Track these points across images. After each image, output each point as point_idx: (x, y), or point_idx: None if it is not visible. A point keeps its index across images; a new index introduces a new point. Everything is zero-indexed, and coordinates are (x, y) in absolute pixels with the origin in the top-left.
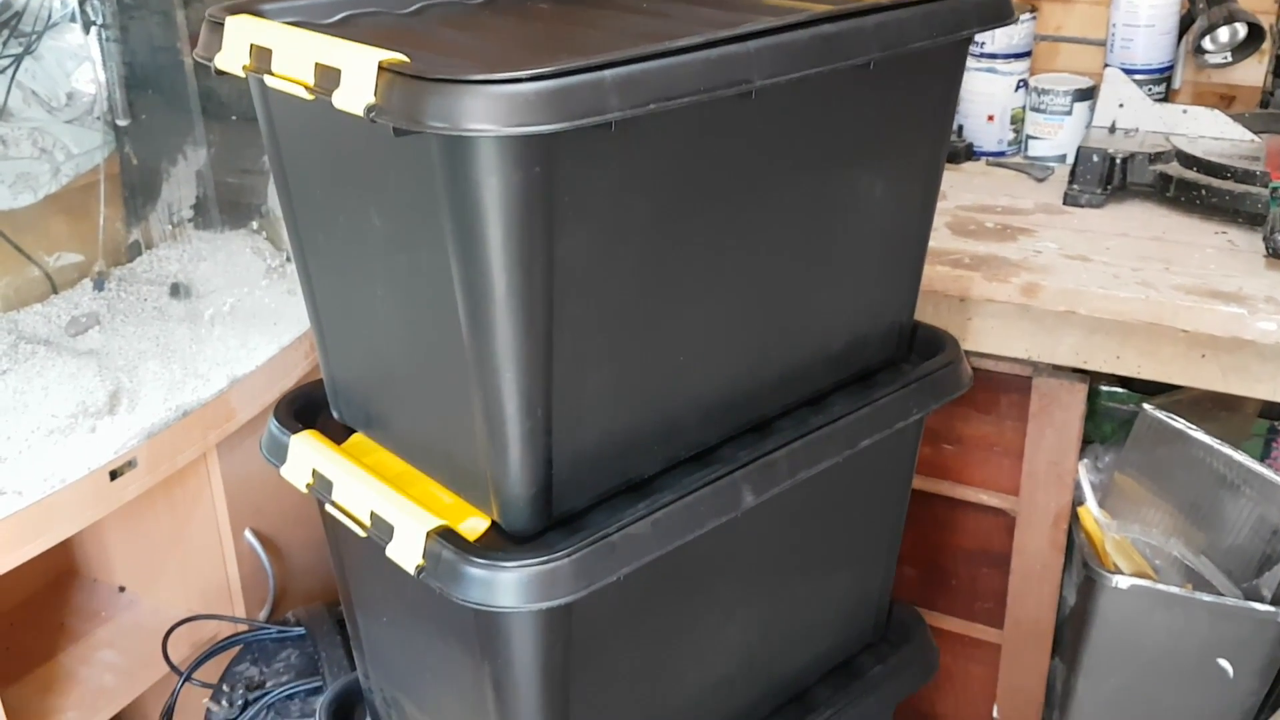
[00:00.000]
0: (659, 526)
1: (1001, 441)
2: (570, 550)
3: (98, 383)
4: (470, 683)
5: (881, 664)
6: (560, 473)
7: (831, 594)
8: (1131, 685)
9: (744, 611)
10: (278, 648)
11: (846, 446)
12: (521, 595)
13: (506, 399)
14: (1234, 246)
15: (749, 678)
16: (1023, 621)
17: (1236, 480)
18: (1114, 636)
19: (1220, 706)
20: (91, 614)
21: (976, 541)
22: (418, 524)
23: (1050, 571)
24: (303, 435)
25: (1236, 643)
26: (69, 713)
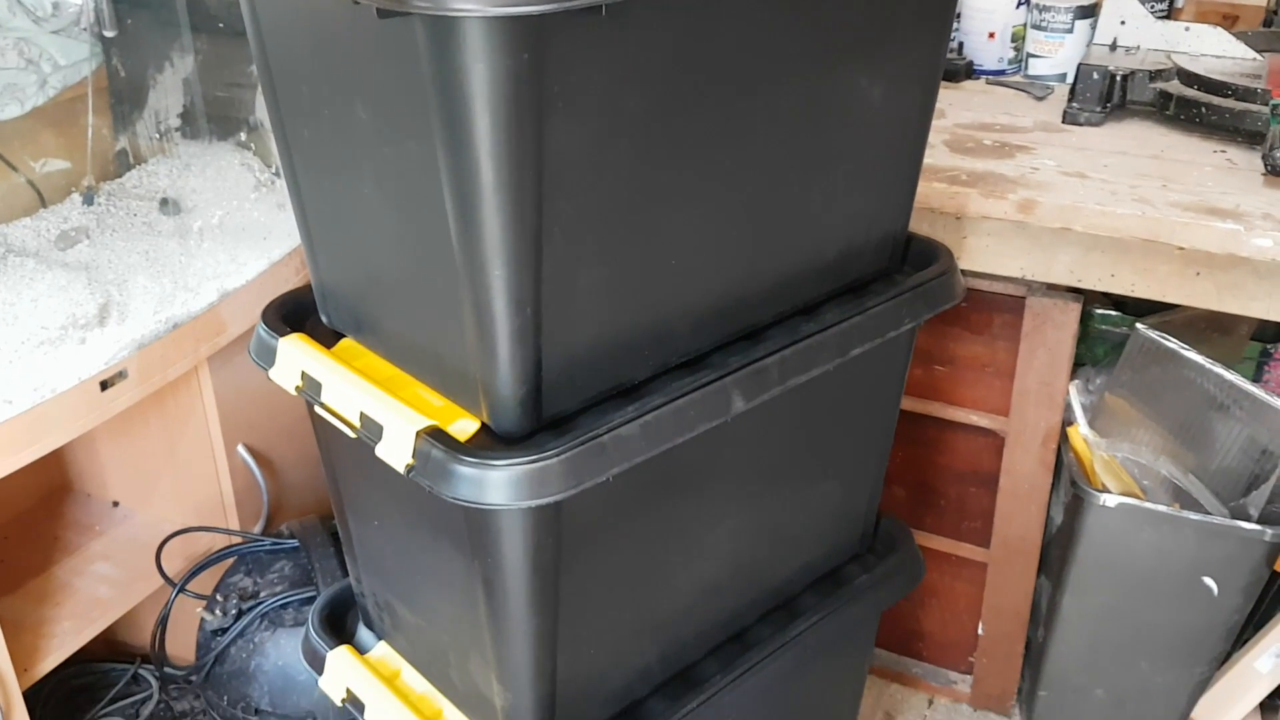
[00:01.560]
0: (648, 429)
1: (993, 362)
2: (560, 450)
3: (87, 295)
4: (461, 583)
5: (867, 573)
6: (550, 374)
7: (820, 504)
8: (1117, 603)
9: (733, 519)
10: (271, 559)
11: (838, 355)
12: (511, 493)
13: (495, 296)
14: (1233, 165)
15: (737, 584)
16: (1009, 540)
17: (1227, 401)
18: (1100, 555)
19: (1204, 624)
20: (85, 528)
21: (965, 462)
22: (407, 424)
23: (1038, 491)
24: (291, 338)
25: (1222, 561)
26: (64, 623)
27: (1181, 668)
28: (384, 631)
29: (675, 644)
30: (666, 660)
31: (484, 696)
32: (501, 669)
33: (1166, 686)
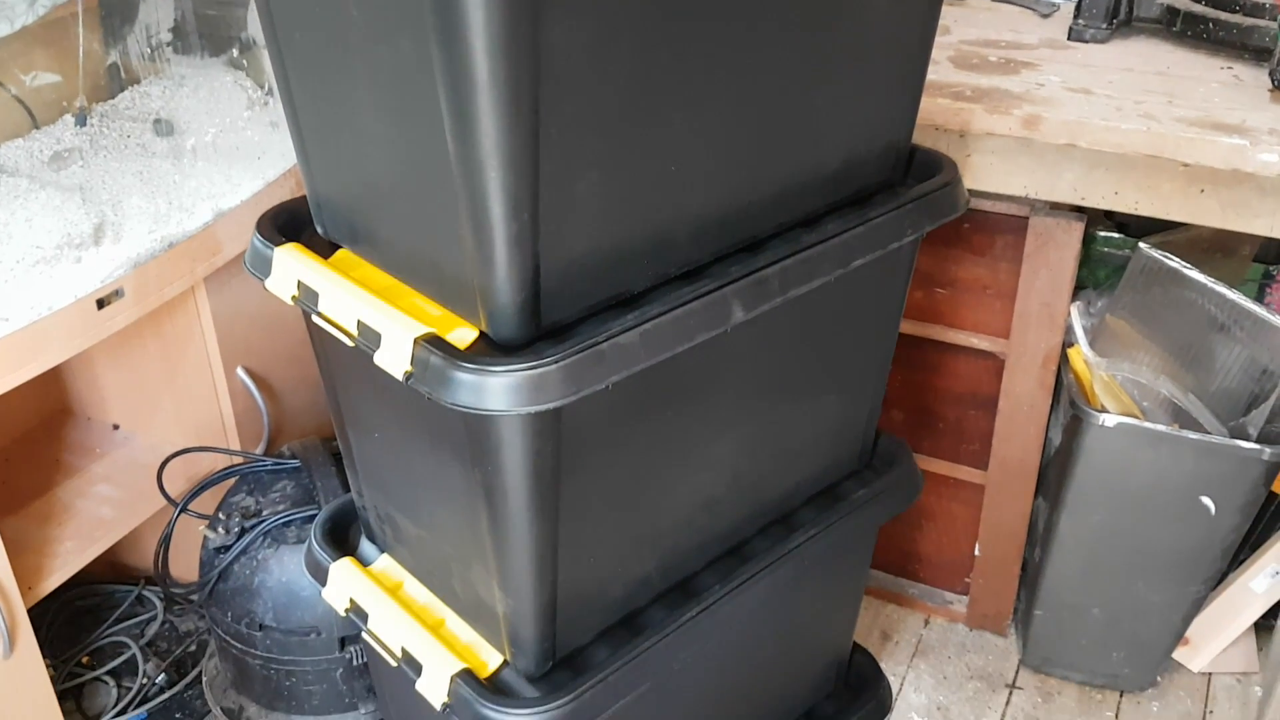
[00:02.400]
0: (648, 337)
1: (995, 284)
2: (559, 357)
3: (82, 215)
4: (462, 493)
5: (866, 489)
6: (548, 282)
7: (820, 419)
8: (1114, 522)
9: (733, 432)
10: (273, 479)
11: (839, 265)
12: (510, 399)
13: (492, 200)
14: (1239, 81)
15: (736, 497)
16: (1007, 462)
17: (1228, 322)
18: (1098, 475)
19: (1201, 543)
20: (87, 450)
21: (965, 385)
22: (405, 331)
23: (1037, 412)
24: (286, 247)
25: (1220, 480)
26: (67, 542)
27: (1177, 587)
28: (386, 544)
29: (675, 555)
30: (666, 571)
31: (486, 604)
32: (503, 577)
33: (1162, 605)
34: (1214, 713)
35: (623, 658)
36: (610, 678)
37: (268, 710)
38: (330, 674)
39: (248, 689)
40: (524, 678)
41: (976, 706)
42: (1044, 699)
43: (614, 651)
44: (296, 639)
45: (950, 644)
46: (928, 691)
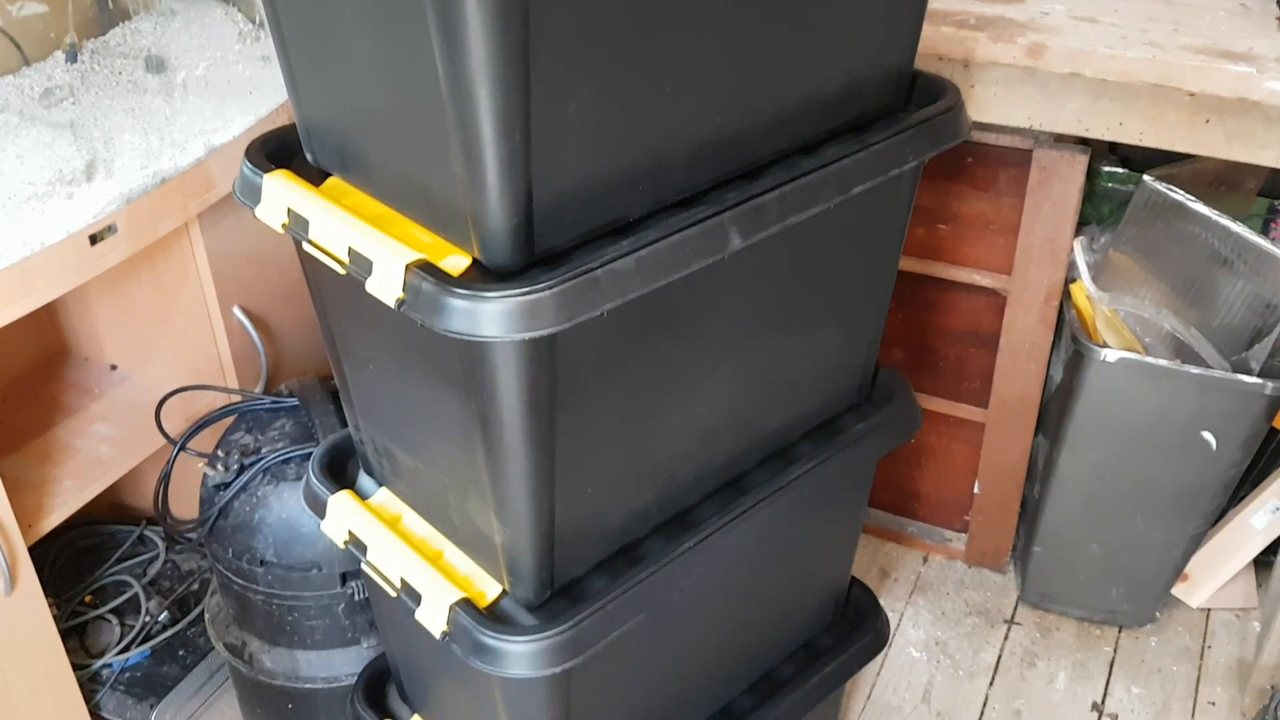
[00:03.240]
0: (643, 264)
1: (998, 219)
2: (553, 283)
3: (74, 152)
4: (458, 424)
5: (864, 422)
6: (541, 207)
7: (818, 352)
8: (1114, 459)
9: (730, 364)
10: (272, 418)
11: (839, 192)
12: (504, 326)
13: (482, 120)
14: (1246, 9)
15: (734, 430)
16: (1008, 399)
17: (1232, 256)
18: (1099, 410)
19: (1201, 479)
20: (84, 390)
21: (966, 322)
22: (397, 257)
23: (1038, 349)
24: (276, 174)
25: (1221, 415)
26: (66, 481)
27: (1177, 523)
28: (384, 477)
29: (672, 487)
30: (664, 503)
31: (484, 535)
32: (500, 507)
33: (1161, 541)
34: (1212, 648)
35: (620, 587)
36: (608, 607)
37: (270, 645)
38: (332, 609)
39: (250, 625)
40: (523, 607)
41: (975, 642)
42: (1042, 634)
43: (612, 581)
44: (298, 574)
45: (949, 581)
46: (926, 627)
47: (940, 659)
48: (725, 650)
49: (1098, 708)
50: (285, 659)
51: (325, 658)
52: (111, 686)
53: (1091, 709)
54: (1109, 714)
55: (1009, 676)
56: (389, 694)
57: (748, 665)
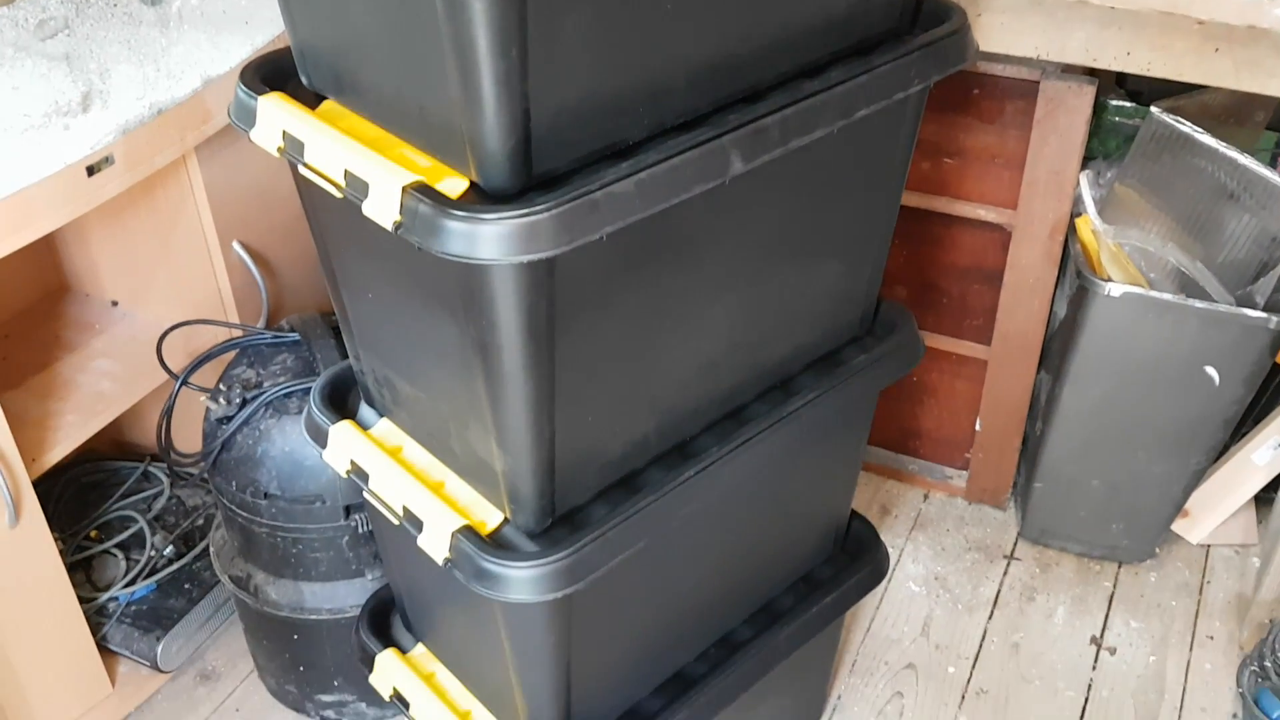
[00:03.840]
0: (643, 187)
1: (1003, 152)
2: (551, 205)
3: (69, 83)
4: (457, 351)
5: (866, 354)
6: (539, 128)
7: (820, 284)
8: (1116, 394)
9: (730, 293)
10: (273, 352)
11: (842, 115)
12: (502, 248)
13: (478, 36)
14: None
15: (734, 361)
16: (1011, 336)
17: (1239, 190)
18: (1103, 345)
19: (1203, 414)
20: (85, 326)
21: (970, 258)
22: (393, 179)
23: (1043, 284)
24: (270, 96)
25: (1225, 350)
26: (69, 416)
27: (1178, 458)
28: (385, 408)
29: (673, 417)
30: (664, 433)
31: (485, 463)
32: (500, 434)
33: (1162, 477)
34: (1211, 583)
35: (621, 516)
36: (609, 534)
37: (275, 577)
38: (336, 541)
39: (255, 557)
40: (524, 534)
41: (974, 576)
42: (1041, 569)
43: (612, 510)
44: (301, 507)
45: (949, 517)
46: (925, 562)
47: (939, 593)
48: (725, 580)
49: (1096, 641)
50: (290, 591)
51: (330, 589)
52: (118, 619)
53: (1090, 642)
54: (1107, 647)
55: (1008, 610)
56: (393, 624)
57: (747, 596)
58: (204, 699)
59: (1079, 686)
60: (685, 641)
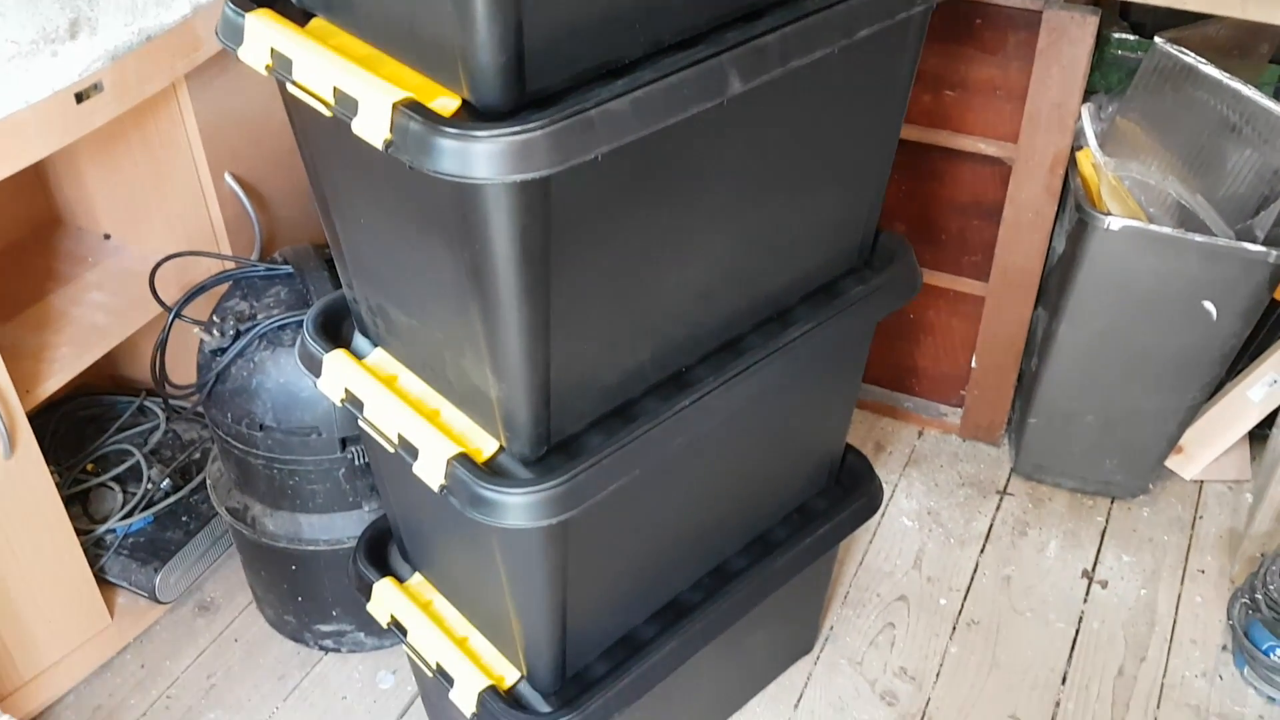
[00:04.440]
0: (639, 106)
1: (1005, 84)
2: (545, 123)
3: (57, 10)
4: (450, 277)
5: (863, 285)
6: (533, 44)
7: (818, 212)
8: (1114, 329)
9: (728, 221)
10: (266, 285)
11: (843, 35)
12: (495, 167)
13: None
14: None
15: (731, 290)
16: (1009, 271)
17: (1241, 123)
18: (1101, 280)
19: (1200, 349)
20: (79, 259)
21: (969, 193)
22: (384, 96)
23: (1042, 219)
24: (258, 13)
25: (1223, 284)
26: (63, 349)
27: (1174, 393)
28: (379, 337)
29: (669, 347)
30: (660, 362)
31: (480, 391)
32: (495, 361)
33: (1157, 412)
34: (1204, 518)
35: (616, 444)
36: (603, 462)
37: (272, 509)
38: (333, 473)
39: (252, 489)
40: (519, 461)
41: (967, 511)
42: (1034, 505)
43: (607, 438)
44: (297, 439)
45: (943, 454)
46: (919, 498)
47: (932, 528)
48: (720, 510)
49: (1087, 574)
50: (287, 522)
51: (327, 521)
52: (115, 551)
53: (1081, 576)
54: (1099, 580)
55: (1000, 545)
56: (390, 554)
57: (742, 526)
58: (203, 630)
59: (1070, 618)
60: (680, 570)
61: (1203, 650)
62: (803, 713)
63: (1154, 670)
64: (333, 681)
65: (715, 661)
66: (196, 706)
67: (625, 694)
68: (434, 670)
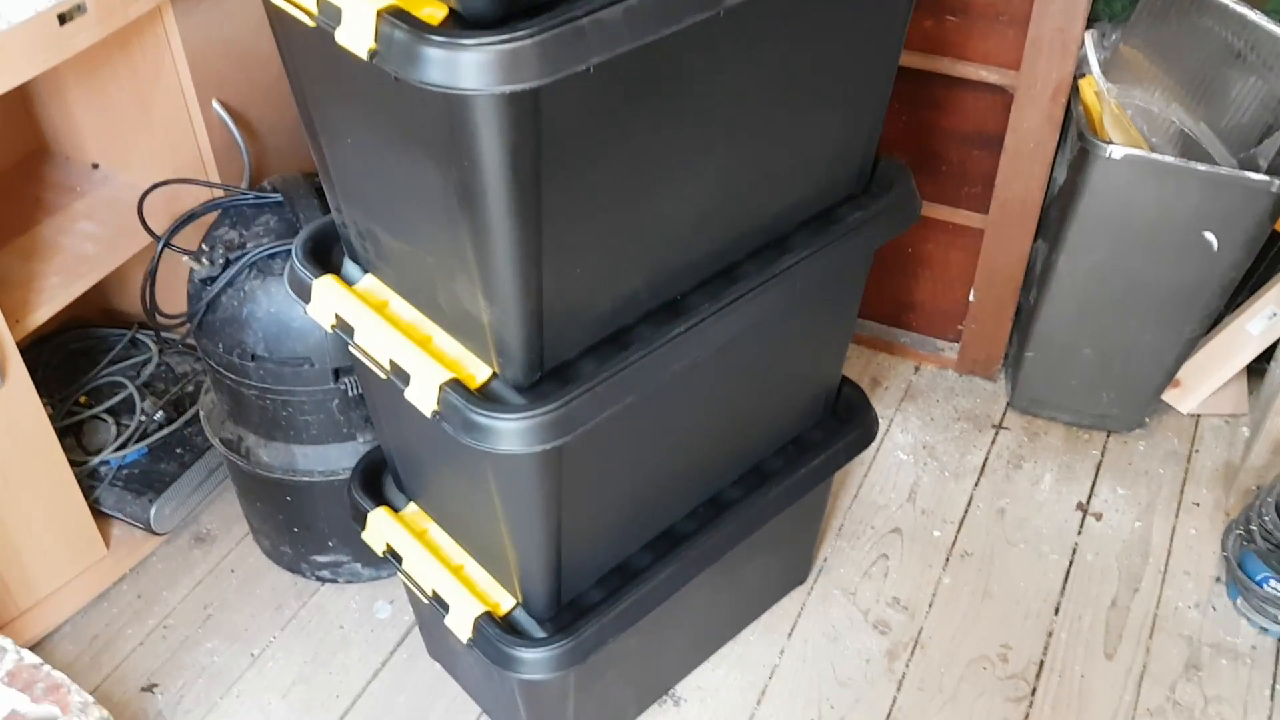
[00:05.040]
0: (632, 15)
1: (1008, 9)
2: (535, 31)
3: None
4: (439, 197)
5: (861, 211)
6: None
7: (816, 135)
8: (1113, 260)
9: (725, 143)
10: (256, 213)
11: None
12: (484, 77)
13: None
14: None
15: (727, 216)
16: (1009, 202)
17: (1246, 50)
18: (1102, 210)
19: (1200, 280)
20: (67, 189)
21: (970, 123)
22: (367, 2)
23: (1043, 149)
24: None
25: (1225, 214)
26: (52, 278)
27: (1172, 326)
28: (369, 263)
29: (664, 273)
30: (654, 288)
31: (472, 316)
32: (486, 285)
33: (1155, 345)
34: (1200, 452)
35: (610, 371)
36: (597, 389)
37: (266, 440)
38: (326, 404)
39: (245, 420)
40: (512, 387)
41: (962, 445)
42: (1030, 438)
43: (601, 364)
44: (289, 369)
45: (939, 389)
46: (914, 432)
47: (927, 461)
48: (715, 440)
49: (1082, 507)
50: (282, 453)
51: (321, 452)
52: (110, 483)
53: (1076, 508)
54: (1093, 513)
55: (994, 478)
56: (385, 484)
57: (737, 457)
58: (199, 560)
59: (1064, 550)
60: (675, 499)
61: (1196, 582)
62: (796, 641)
63: (1147, 601)
64: (330, 611)
65: (709, 591)
66: (194, 636)
67: (619, 621)
68: (429, 597)
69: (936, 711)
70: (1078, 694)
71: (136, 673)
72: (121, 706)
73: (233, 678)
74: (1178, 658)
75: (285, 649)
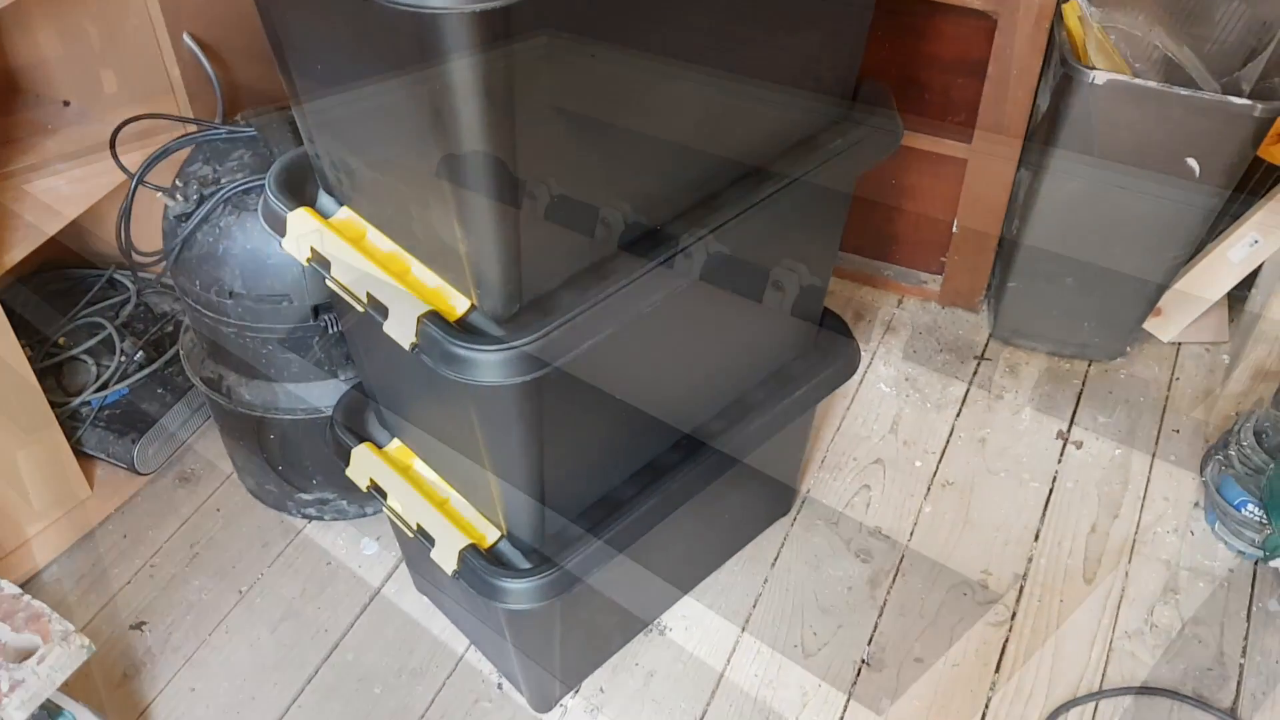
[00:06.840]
0: None
1: None
2: None
3: None
4: (411, 121)
5: (842, 139)
6: None
7: (794, 56)
8: (1095, 187)
9: (702, 63)
10: (230, 148)
11: None
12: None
13: None
14: None
15: (706, 142)
16: (993, 130)
17: None
18: (1085, 136)
19: (1182, 208)
20: (38, 128)
21: (954, 50)
22: None
23: (1027, 75)
24: None
25: (1207, 139)
26: (25, 217)
27: (1154, 253)
28: (344, 195)
29: (644, 203)
30: (633, 218)
31: (449, 247)
32: (462, 212)
33: (1137, 273)
34: (1180, 380)
35: (589, 302)
36: (576, 320)
37: (247, 379)
38: (306, 341)
39: (225, 359)
40: (491, 319)
41: (943, 377)
42: (1011, 369)
43: (580, 295)
44: (267, 306)
45: (921, 321)
46: (897, 364)
47: (909, 393)
48: (698, 373)
49: (1063, 435)
50: (263, 391)
51: (303, 389)
52: (92, 424)
53: (1056, 437)
54: (1074, 441)
55: (976, 408)
56: (368, 420)
57: (720, 389)
58: (184, 500)
59: (1044, 478)
60: (658, 432)
61: (1175, 507)
62: (779, 570)
63: (1126, 527)
64: (316, 549)
65: (693, 522)
66: (181, 574)
67: (604, 552)
68: (415, 531)
69: (918, 636)
70: (1057, 617)
71: (125, 611)
72: (110, 644)
73: (221, 614)
74: (1156, 581)
75: (273, 585)
